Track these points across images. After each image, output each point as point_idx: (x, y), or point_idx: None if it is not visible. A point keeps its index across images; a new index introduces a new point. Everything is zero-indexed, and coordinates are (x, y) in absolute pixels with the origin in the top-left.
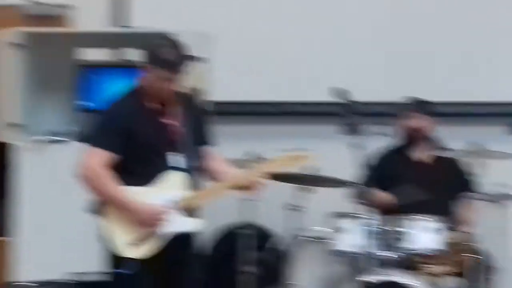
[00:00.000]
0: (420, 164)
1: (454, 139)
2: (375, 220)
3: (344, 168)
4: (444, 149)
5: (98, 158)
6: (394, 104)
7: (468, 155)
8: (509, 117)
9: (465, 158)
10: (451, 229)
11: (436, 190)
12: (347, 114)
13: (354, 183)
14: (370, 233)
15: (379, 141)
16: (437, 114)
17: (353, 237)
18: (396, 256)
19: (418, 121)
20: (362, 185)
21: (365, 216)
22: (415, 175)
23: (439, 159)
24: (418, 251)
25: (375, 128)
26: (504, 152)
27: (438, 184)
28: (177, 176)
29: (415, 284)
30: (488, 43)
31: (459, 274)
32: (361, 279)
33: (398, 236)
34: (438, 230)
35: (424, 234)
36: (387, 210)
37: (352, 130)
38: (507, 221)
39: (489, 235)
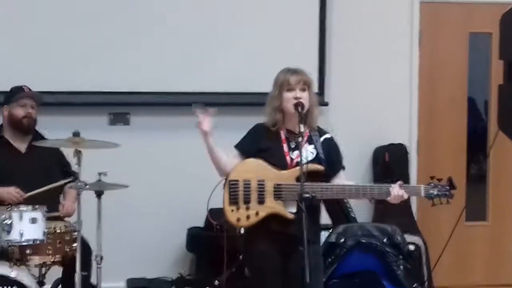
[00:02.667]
0: (21, 153)
1: (56, 128)
2: None
3: None
4: (43, 138)
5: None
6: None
7: (68, 144)
8: (110, 106)
9: (66, 146)
10: (53, 218)
11: (38, 179)
12: None
13: None
14: None
15: None
16: (42, 104)
17: None
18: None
19: (27, 110)
20: None
21: None
22: (16, 164)
23: (39, 148)
24: (21, 242)
25: None
26: (104, 141)
27: (39, 173)
28: None
29: (18, 276)
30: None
31: (62, 263)
32: None
33: (1, 227)
34: (40, 220)
35: (26, 224)
36: None
37: None
38: (102, 209)
39: (88, 224)
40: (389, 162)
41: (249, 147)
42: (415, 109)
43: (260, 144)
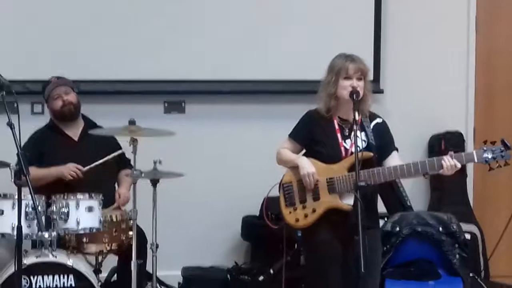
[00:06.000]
0: (74, 141)
1: (112, 117)
2: (34, 200)
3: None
4: (95, 124)
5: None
6: (40, 82)
7: (123, 132)
8: (165, 95)
9: (121, 135)
10: (109, 206)
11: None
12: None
13: (10, 163)
14: (29, 213)
15: (37, 119)
16: (94, 92)
17: (11, 218)
18: (57, 236)
19: (62, 99)
20: (21, 164)
21: (23, 197)
22: (70, 152)
23: (92, 136)
24: (78, 230)
25: (33, 106)
26: (160, 130)
27: (93, 160)
28: None
29: (75, 264)
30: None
31: (118, 252)
32: (22, 260)
33: (59, 216)
34: (96, 208)
35: (83, 212)
36: (49, 189)
37: (8, 108)
38: (158, 198)
39: (143, 212)
40: (445, 150)
41: (302, 135)
42: (472, 96)
43: (314, 133)
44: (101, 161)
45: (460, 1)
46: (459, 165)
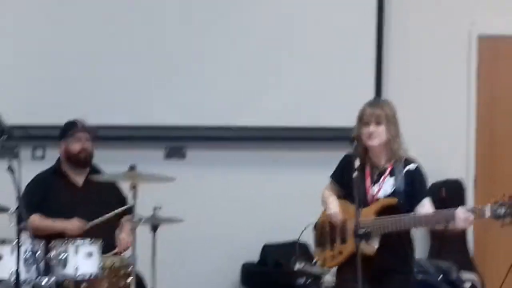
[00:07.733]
0: (78, 187)
1: (112, 162)
2: (34, 246)
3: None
4: (99, 171)
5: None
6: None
7: (124, 178)
8: (165, 141)
9: (121, 180)
10: (108, 252)
11: (95, 213)
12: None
13: (9, 208)
14: (28, 259)
15: (37, 164)
16: (97, 138)
17: (10, 264)
18: (54, 282)
19: (82, 144)
20: (21, 209)
21: (22, 242)
22: (73, 198)
23: (96, 182)
24: (75, 277)
25: (34, 151)
26: (160, 175)
27: (96, 207)
28: None
29: None
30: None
31: None
32: None
33: (57, 261)
34: (95, 254)
35: (82, 258)
36: (48, 235)
37: (9, 153)
38: (157, 244)
39: (143, 258)
40: (446, 198)
41: (339, 177)
42: (473, 145)
43: (347, 176)
44: (104, 217)
45: (461, 49)
46: (472, 218)
